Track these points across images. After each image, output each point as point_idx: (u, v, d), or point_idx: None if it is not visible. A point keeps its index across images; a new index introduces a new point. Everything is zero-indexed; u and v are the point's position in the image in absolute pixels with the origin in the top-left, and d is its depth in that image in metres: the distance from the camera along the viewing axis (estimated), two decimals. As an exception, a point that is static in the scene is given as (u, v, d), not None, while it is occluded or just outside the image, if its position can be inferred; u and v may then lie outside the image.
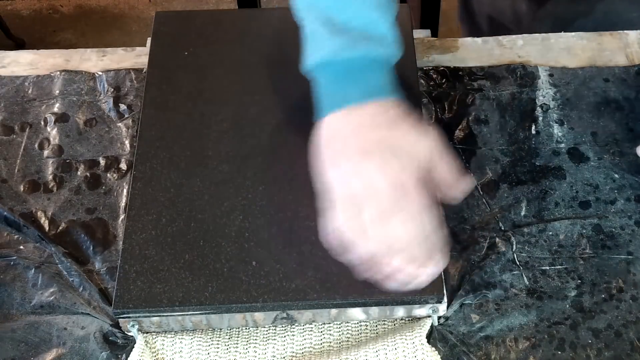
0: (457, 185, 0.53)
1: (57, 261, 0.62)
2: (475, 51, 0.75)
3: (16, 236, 0.63)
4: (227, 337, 0.59)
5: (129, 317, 0.57)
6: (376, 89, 0.53)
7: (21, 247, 0.63)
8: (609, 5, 0.80)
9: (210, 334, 0.59)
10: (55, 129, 0.70)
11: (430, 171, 0.52)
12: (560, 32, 0.76)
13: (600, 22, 0.78)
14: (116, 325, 0.58)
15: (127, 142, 0.69)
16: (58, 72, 0.74)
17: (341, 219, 0.50)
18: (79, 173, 0.67)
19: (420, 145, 0.51)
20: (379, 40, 0.53)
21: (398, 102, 0.53)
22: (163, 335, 0.58)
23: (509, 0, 0.86)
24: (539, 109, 0.70)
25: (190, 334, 0.58)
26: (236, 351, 0.58)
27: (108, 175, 0.67)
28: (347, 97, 0.52)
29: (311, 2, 0.54)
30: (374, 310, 0.58)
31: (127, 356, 0.57)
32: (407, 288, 0.53)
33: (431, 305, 0.57)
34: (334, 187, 0.51)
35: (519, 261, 0.61)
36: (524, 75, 0.73)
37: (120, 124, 0.71)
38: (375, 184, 0.50)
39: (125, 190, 0.66)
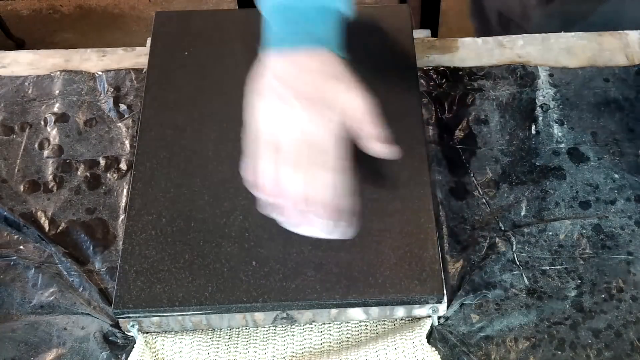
0: (379, 139, 0.54)
1: (57, 261, 0.62)
2: (475, 51, 0.75)
3: (16, 236, 0.63)
4: (227, 337, 0.59)
5: (129, 317, 0.57)
6: (323, 39, 0.55)
7: (21, 247, 0.63)
8: (617, 3, 0.80)
9: (210, 334, 0.59)
10: (55, 129, 0.70)
11: (355, 126, 0.54)
12: (570, 29, 0.76)
13: (609, 19, 0.79)
14: (116, 325, 0.58)
15: (127, 142, 0.69)
16: (58, 72, 0.74)
17: (260, 158, 0.52)
18: (79, 173, 0.67)
19: (351, 101, 0.53)
20: None
21: (335, 54, 0.55)
22: (163, 335, 0.58)
23: None
24: (539, 109, 0.70)
25: (190, 334, 0.58)
26: (236, 351, 0.58)
27: (108, 175, 0.67)
28: (294, 41, 0.54)
29: None
30: (374, 310, 0.58)
31: (127, 356, 0.57)
32: (303, 232, 0.55)
33: (431, 305, 0.57)
34: (261, 125, 0.53)
35: (519, 261, 0.61)
36: (524, 75, 0.73)
37: (120, 124, 0.71)
38: (300, 133, 0.51)
39: (125, 190, 0.66)
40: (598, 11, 0.81)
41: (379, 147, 0.54)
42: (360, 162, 0.62)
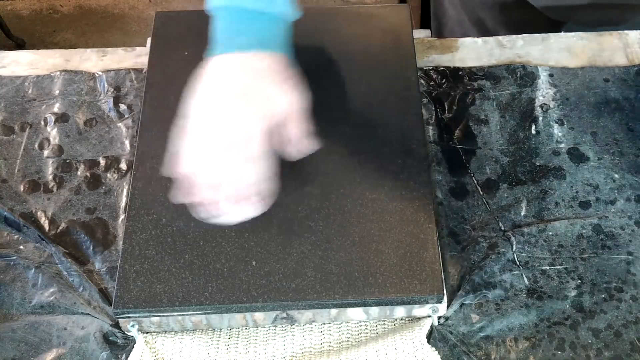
0: (300, 144, 0.58)
1: (57, 261, 0.62)
2: (475, 51, 0.75)
3: (16, 236, 0.63)
4: (227, 337, 0.59)
5: (129, 317, 0.57)
6: (263, 41, 0.57)
7: (21, 247, 0.63)
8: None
9: (210, 334, 0.59)
10: (55, 129, 0.70)
11: (283, 125, 0.56)
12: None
13: None
14: (116, 325, 0.58)
15: (127, 142, 0.69)
16: (58, 72, 0.74)
17: (182, 141, 0.55)
18: (79, 173, 0.67)
19: (280, 98, 0.56)
20: (274, 1, 0.58)
21: (278, 55, 0.57)
22: (163, 335, 0.58)
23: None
24: (539, 109, 0.70)
25: (190, 334, 0.58)
26: (236, 351, 0.58)
27: (108, 175, 0.67)
28: (233, 43, 0.57)
29: None
30: (374, 310, 0.58)
31: (127, 356, 0.57)
32: (213, 221, 0.57)
33: (431, 305, 0.57)
34: (190, 114, 0.56)
35: (519, 261, 0.61)
36: (524, 75, 0.73)
37: (120, 124, 0.71)
38: (224, 121, 0.54)
39: (125, 190, 0.66)
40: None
41: (297, 153, 0.58)
42: (361, 162, 0.62)
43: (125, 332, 0.58)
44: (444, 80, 0.73)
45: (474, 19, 0.89)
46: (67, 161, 0.68)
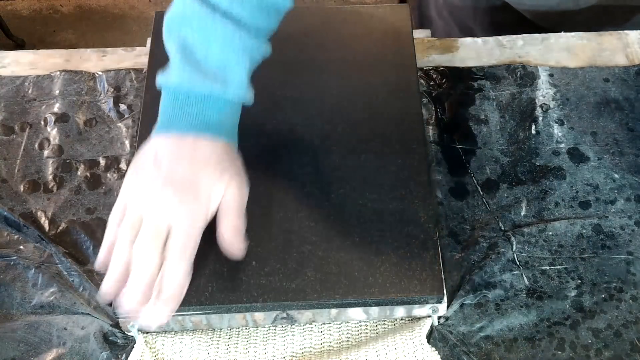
0: (229, 243, 0.54)
1: (57, 261, 0.62)
2: (475, 51, 0.75)
3: (16, 236, 0.63)
4: (227, 337, 0.59)
5: (129, 317, 0.57)
6: (206, 125, 0.54)
7: (21, 247, 0.63)
8: None
9: (210, 334, 0.59)
10: (55, 129, 0.70)
11: (218, 219, 0.54)
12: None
13: None
14: (116, 325, 0.58)
15: (127, 142, 0.69)
16: (58, 72, 0.74)
17: (109, 232, 0.53)
18: (79, 173, 0.67)
19: (217, 191, 0.53)
20: (229, 84, 0.55)
21: (222, 143, 0.55)
22: (163, 335, 0.58)
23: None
24: (539, 109, 0.70)
25: (190, 334, 0.58)
26: (236, 351, 0.58)
27: (108, 175, 0.67)
28: (176, 124, 0.54)
29: (176, 25, 0.56)
30: (374, 310, 0.58)
31: (127, 356, 0.57)
32: (127, 323, 0.55)
33: (431, 305, 0.57)
34: (122, 199, 0.54)
35: (519, 261, 0.61)
36: (524, 75, 0.73)
37: (120, 124, 0.71)
38: (156, 215, 0.51)
39: (125, 190, 0.66)
40: None
41: (228, 252, 0.55)
42: (361, 162, 0.62)
43: (125, 332, 0.58)
44: (444, 80, 0.73)
45: (463, 28, 0.89)
46: (67, 161, 0.68)
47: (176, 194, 0.52)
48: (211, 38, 0.54)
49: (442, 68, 0.74)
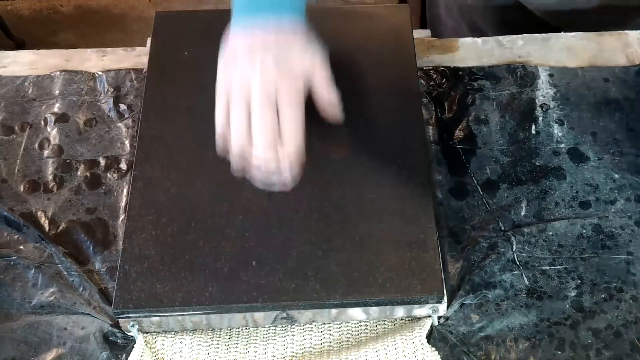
0: (328, 107, 0.59)
1: (57, 261, 0.62)
2: (475, 51, 0.75)
3: (16, 236, 0.63)
4: (227, 337, 0.59)
5: (129, 317, 0.57)
6: (284, 5, 0.57)
7: (21, 247, 0.63)
8: None
9: (210, 334, 0.59)
10: (55, 129, 0.70)
11: (313, 88, 0.57)
12: None
13: None
14: (116, 325, 0.58)
15: (127, 142, 0.69)
16: (58, 72, 0.74)
17: (218, 113, 0.56)
18: (79, 173, 0.67)
19: (306, 60, 0.56)
20: None
21: (299, 19, 0.58)
22: (163, 335, 0.58)
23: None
24: (539, 109, 0.70)
25: (190, 334, 0.58)
26: (236, 351, 0.58)
27: (108, 175, 0.67)
28: (256, 10, 0.57)
29: None
30: (374, 310, 0.58)
31: (127, 356, 0.57)
32: (267, 182, 0.57)
33: (431, 305, 0.57)
34: (219, 84, 0.57)
35: (519, 261, 0.61)
36: (524, 75, 0.73)
37: (120, 124, 0.71)
38: (268, 85, 0.54)
39: (125, 190, 0.66)
40: None
41: (329, 115, 0.59)
42: (361, 162, 0.62)
43: (125, 332, 0.58)
44: (444, 80, 0.73)
45: (472, 26, 0.89)
46: (67, 161, 0.68)
47: (275, 66, 0.55)
48: None
49: (442, 68, 0.74)
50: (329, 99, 0.58)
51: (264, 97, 0.54)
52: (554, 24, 0.82)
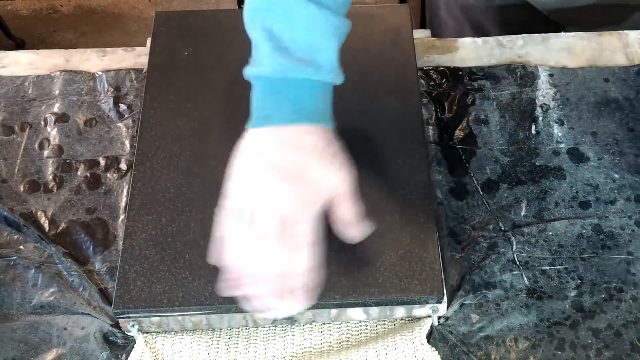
0: (355, 226, 0.53)
1: (57, 261, 0.62)
2: (475, 51, 0.75)
3: (16, 236, 0.63)
4: (227, 337, 0.59)
5: (129, 317, 0.57)
6: (305, 112, 0.52)
7: (21, 247, 0.63)
8: None
9: (210, 334, 0.59)
10: (55, 129, 0.70)
11: (333, 206, 0.52)
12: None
13: None
14: (116, 325, 0.58)
15: (127, 142, 0.69)
16: (58, 72, 0.74)
17: (225, 228, 0.51)
18: (79, 173, 0.67)
19: (329, 178, 0.51)
20: (321, 66, 0.53)
21: (324, 129, 0.52)
22: (163, 335, 0.58)
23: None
24: (539, 109, 0.70)
25: (190, 334, 0.58)
26: (236, 351, 0.58)
27: (108, 175, 0.67)
28: (275, 114, 0.52)
29: (259, 15, 0.54)
30: (374, 310, 0.58)
31: (127, 356, 0.57)
32: (261, 315, 0.53)
33: (431, 305, 0.57)
34: (232, 196, 0.51)
35: (519, 261, 0.61)
36: (524, 75, 0.73)
37: (120, 124, 0.71)
38: (270, 207, 0.49)
39: (125, 190, 0.66)
40: None
41: (355, 236, 0.53)
42: (361, 162, 0.62)
43: (125, 332, 0.58)
44: (444, 80, 0.73)
45: (476, 27, 0.89)
46: (67, 161, 0.68)
47: (286, 187, 0.50)
48: (297, 22, 0.52)
49: (442, 68, 0.74)
50: (349, 218, 0.52)
51: (273, 232, 0.49)
52: (558, 21, 0.82)
